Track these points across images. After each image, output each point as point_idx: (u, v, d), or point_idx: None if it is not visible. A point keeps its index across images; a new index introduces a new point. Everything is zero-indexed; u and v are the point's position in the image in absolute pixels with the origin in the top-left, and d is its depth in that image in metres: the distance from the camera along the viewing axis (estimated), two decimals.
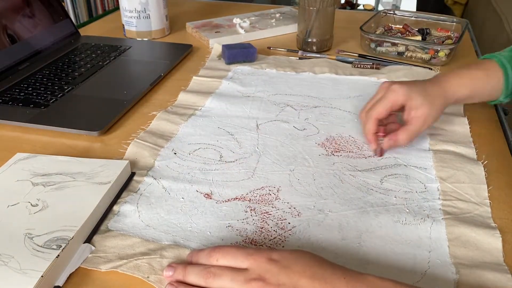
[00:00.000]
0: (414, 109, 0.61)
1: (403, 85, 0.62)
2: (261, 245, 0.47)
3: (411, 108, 0.61)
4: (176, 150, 0.63)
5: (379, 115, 0.62)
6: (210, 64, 0.91)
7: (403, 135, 0.61)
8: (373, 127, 0.63)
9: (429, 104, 0.61)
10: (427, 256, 0.45)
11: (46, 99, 0.74)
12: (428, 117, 0.61)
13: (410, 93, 0.61)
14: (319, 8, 0.92)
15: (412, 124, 0.61)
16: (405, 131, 0.61)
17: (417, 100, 0.61)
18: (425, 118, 0.61)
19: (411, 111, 0.61)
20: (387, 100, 0.62)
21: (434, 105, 0.62)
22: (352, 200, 0.53)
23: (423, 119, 0.61)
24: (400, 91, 0.61)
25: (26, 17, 0.90)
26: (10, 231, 0.45)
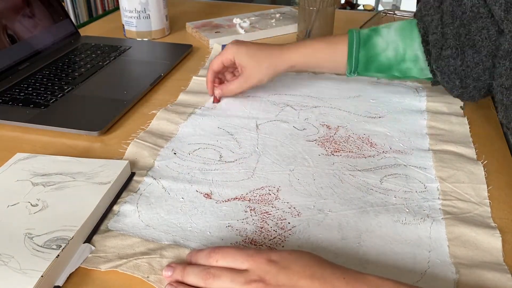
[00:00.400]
0: (241, 66, 0.72)
1: (236, 43, 0.72)
2: (261, 245, 0.47)
3: (239, 65, 0.72)
4: (176, 150, 0.63)
5: (212, 68, 0.74)
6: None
7: (227, 86, 0.74)
8: (210, 77, 0.75)
9: (253, 65, 0.70)
10: (427, 256, 0.45)
11: (46, 99, 0.74)
12: (251, 76, 0.71)
13: (239, 51, 0.71)
14: (319, 8, 0.93)
15: (238, 79, 0.73)
16: (230, 83, 0.73)
17: (243, 59, 0.71)
18: (248, 76, 0.71)
19: (240, 68, 0.72)
20: (220, 55, 0.73)
21: (259, 66, 0.70)
22: (352, 200, 0.53)
23: (245, 77, 0.72)
24: (230, 50, 0.71)
25: (26, 17, 0.90)
26: (10, 231, 0.45)
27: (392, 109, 0.74)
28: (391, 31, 0.67)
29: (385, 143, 0.65)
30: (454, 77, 0.62)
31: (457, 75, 0.61)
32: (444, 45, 0.61)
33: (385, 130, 0.68)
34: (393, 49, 0.67)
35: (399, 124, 0.70)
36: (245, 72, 0.71)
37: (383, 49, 0.67)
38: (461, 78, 0.62)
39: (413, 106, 0.75)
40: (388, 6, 3.72)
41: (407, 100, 0.77)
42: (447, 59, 0.61)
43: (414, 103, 0.76)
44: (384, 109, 0.74)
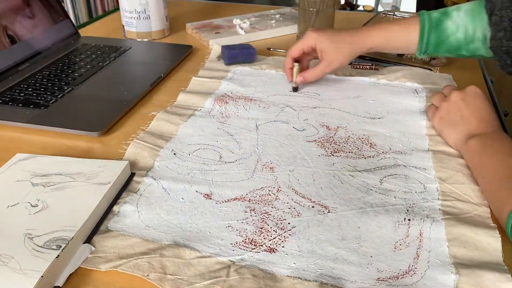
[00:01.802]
0: (322, 51, 0.75)
1: (316, 31, 0.75)
2: (261, 245, 0.47)
3: (319, 51, 0.75)
4: (176, 151, 0.63)
5: (292, 54, 0.78)
6: (210, 64, 0.92)
7: (310, 73, 0.77)
8: (288, 63, 0.79)
9: (335, 49, 0.74)
10: (427, 256, 0.45)
11: (46, 100, 0.74)
12: (333, 60, 0.75)
13: (319, 37, 0.74)
14: (319, 9, 0.93)
15: (320, 64, 0.76)
16: (313, 69, 0.77)
17: (324, 44, 0.74)
18: (330, 61, 0.75)
19: (321, 54, 0.75)
20: (300, 42, 0.76)
21: (340, 50, 0.74)
22: (352, 200, 0.53)
23: (328, 61, 0.75)
24: (311, 36, 0.75)
25: (26, 18, 0.91)
26: (10, 232, 0.45)
27: (391, 110, 0.74)
28: (461, 13, 0.69)
29: (385, 143, 0.65)
30: (505, 57, 0.65)
31: (508, 56, 0.64)
32: (499, 27, 0.64)
33: (385, 131, 0.68)
34: (463, 31, 0.69)
35: (399, 124, 0.70)
36: (326, 57, 0.75)
37: (453, 31, 0.70)
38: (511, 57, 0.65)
39: (413, 106, 0.75)
40: (388, 7, 3.73)
41: (407, 100, 0.77)
42: (500, 40, 0.64)
43: (413, 103, 0.76)
44: (384, 110, 0.74)
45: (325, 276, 0.43)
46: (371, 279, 0.43)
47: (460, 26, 0.69)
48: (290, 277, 0.43)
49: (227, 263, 0.45)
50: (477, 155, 0.57)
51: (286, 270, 0.44)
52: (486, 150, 0.56)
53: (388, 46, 0.75)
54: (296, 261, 0.45)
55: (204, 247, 0.46)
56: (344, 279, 0.43)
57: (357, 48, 0.75)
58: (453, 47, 0.71)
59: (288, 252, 0.46)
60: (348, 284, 0.42)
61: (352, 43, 0.74)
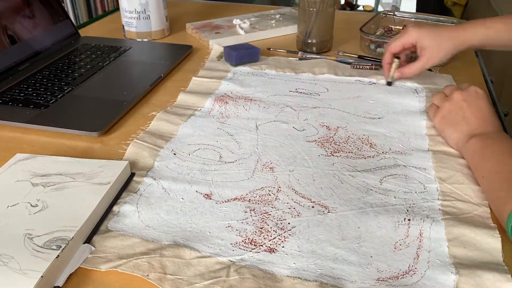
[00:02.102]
0: (422, 48, 0.73)
1: (416, 27, 0.74)
2: (261, 245, 0.47)
3: (420, 47, 0.74)
4: (176, 151, 0.63)
5: (392, 50, 0.77)
6: (210, 64, 0.92)
7: (408, 69, 0.76)
8: (387, 59, 0.78)
9: (436, 46, 0.72)
10: (427, 256, 0.45)
11: (46, 100, 0.74)
12: (433, 56, 0.73)
13: (420, 34, 0.73)
14: (319, 9, 0.93)
15: (419, 61, 0.74)
16: (411, 65, 0.76)
17: (425, 40, 0.73)
18: (429, 57, 0.73)
19: (420, 50, 0.74)
20: (401, 38, 0.75)
21: (441, 47, 0.72)
22: (352, 200, 0.53)
23: (427, 57, 0.73)
24: (412, 32, 0.74)
25: (26, 18, 0.91)
26: (10, 232, 0.45)
27: (391, 110, 0.74)
28: None
29: (385, 143, 0.65)
30: None
31: None
32: None
33: (385, 131, 0.68)
34: None
35: (399, 124, 0.70)
36: (426, 54, 0.73)
37: None
38: None
39: (413, 106, 0.75)
40: (388, 7, 3.73)
41: (407, 100, 0.77)
42: None
43: (413, 103, 0.76)
44: (384, 110, 0.74)
45: (325, 276, 0.43)
46: (371, 279, 0.43)
47: None
48: (290, 277, 0.43)
49: (227, 263, 0.45)
50: (477, 155, 0.57)
51: (286, 270, 0.44)
52: (486, 150, 0.56)
53: (491, 44, 0.73)
54: (296, 261, 0.45)
55: (204, 247, 0.46)
56: (344, 279, 0.43)
57: (458, 45, 0.73)
58: None
59: (288, 252, 0.46)
60: (348, 284, 0.42)
61: (453, 40, 0.72)
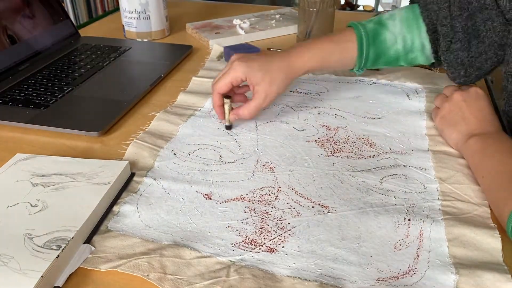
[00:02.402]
0: (255, 85, 0.65)
1: (243, 62, 0.65)
2: (261, 245, 0.47)
3: (252, 84, 0.65)
4: (176, 151, 0.63)
5: (219, 91, 0.66)
6: (210, 64, 0.92)
7: (244, 110, 0.66)
8: (217, 101, 0.67)
9: (269, 80, 0.65)
10: (427, 256, 0.45)
11: (46, 100, 0.74)
12: (269, 92, 0.65)
13: (249, 70, 0.64)
14: (319, 9, 0.93)
15: (254, 99, 0.66)
16: (247, 106, 0.66)
17: (256, 77, 0.64)
18: (266, 94, 0.65)
19: (253, 87, 0.66)
20: (228, 76, 0.65)
21: (274, 80, 0.65)
22: (352, 200, 0.53)
23: (264, 94, 0.65)
24: (239, 69, 0.65)
25: (26, 18, 0.91)
26: (10, 232, 0.45)
27: (391, 110, 0.74)
28: (396, 23, 0.67)
29: (385, 143, 0.65)
30: (460, 68, 0.64)
31: (463, 66, 0.63)
32: (453, 38, 0.62)
33: (385, 131, 0.68)
34: (401, 41, 0.67)
35: (399, 125, 0.70)
36: (260, 90, 0.65)
37: (392, 43, 0.67)
38: (465, 68, 0.64)
39: (413, 106, 0.75)
40: (388, 7, 3.73)
41: (407, 100, 0.77)
42: (456, 52, 0.62)
43: (413, 103, 0.76)
44: (384, 110, 0.74)
45: (325, 276, 0.43)
46: (371, 279, 0.43)
47: (398, 36, 0.67)
48: (290, 277, 0.43)
49: (227, 263, 0.45)
50: (477, 155, 0.57)
51: (286, 270, 0.44)
52: (486, 150, 0.56)
53: (324, 67, 0.70)
54: (296, 261, 0.45)
55: (204, 247, 0.46)
56: (344, 279, 0.43)
57: (292, 75, 0.67)
58: (392, 58, 0.69)
59: (288, 252, 0.46)
60: (348, 284, 0.42)
61: (286, 72, 0.66)
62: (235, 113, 0.67)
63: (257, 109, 0.66)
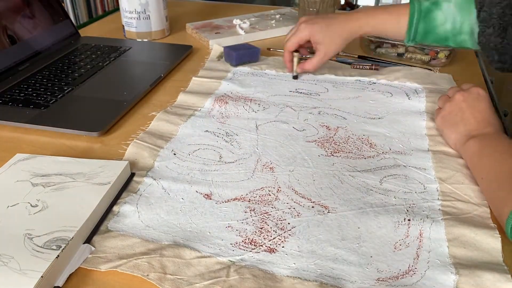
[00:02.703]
0: (316, 44, 0.79)
1: (308, 24, 0.79)
2: (261, 245, 0.47)
3: (314, 43, 0.79)
4: (176, 151, 0.63)
5: (289, 48, 0.82)
6: (210, 65, 0.92)
7: (308, 64, 0.81)
8: (287, 56, 0.83)
9: (328, 40, 0.78)
10: (427, 256, 0.45)
11: (46, 100, 0.74)
12: (328, 51, 0.79)
13: (312, 30, 0.78)
14: (319, 10, 0.93)
15: (316, 55, 0.80)
16: (310, 61, 0.81)
17: (318, 37, 0.78)
18: (326, 52, 0.79)
19: (315, 45, 0.79)
20: (296, 36, 0.80)
21: (333, 41, 0.78)
22: (352, 200, 0.53)
23: (324, 52, 0.79)
24: (305, 30, 0.78)
25: (26, 18, 0.91)
26: (10, 232, 0.45)
27: (391, 110, 0.74)
28: (451, 5, 0.70)
29: (385, 143, 0.65)
30: (494, 53, 0.66)
31: (497, 51, 0.65)
32: (488, 24, 0.64)
33: (385, 131, 0.68)
34: (451, 22, 0.70)
35: (399, 125, 0.70)
36: (322, 47, 0.78)
37: (441, 22, 0.71)
38: (499, 53, 0.65)
39: (413, 106, 0.75)
40: None
41: (407, 101, 0.77)
42: (489, 36, 0.65)
43: (413, 103, 0.76)
44: (384, 110, 0.74)
45: (325, 276, 0.43)
46: (371, 279, 0.43)
47: (449, 17, 0.70)
48: (290, 277, 0.43)
49: (227, 263, 0.45)
50: (476, 155, 0.57)
51: (286, 270, 0.44)
52: (485, 151, 0.56)
53: (379, 32, 0.78)
54: (296, 261, 0.45)
55: (204, 247, 0.46)
56: (344, 279, 0.43)
57: (350, 36, 0.78)
58: (440, 37, 0.72)
59: (288, 252, 0.46)
60: (348, 284, 0.42)
61: (344, 31, 0.77)
62: (301, 66, 0.83)
63: (318, 63, 0.80)
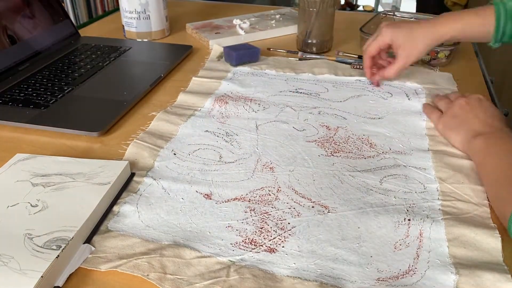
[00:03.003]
0: (398, 47, 0.75)
1: (390, 26, 0.75)
2: (261, 245, 0.47)
3: (396, 48, 0.75)
4: (176, 151, 0.63)
5: (370, 53, 0.78)
6: (210, 65, 0.92)
7: (389, 70, 0.77)
8: (368, 63, 0.80)
9: (410, 45, 0.74)
10: (427, 256, 0.45)
11: (46, 100, 0.74)
12: (410, 55, 0.75)
13: (394, 33, 0.75)
14: (319, 9, 0.93)
15: (397, 61, 0.76)
16: (390, 68, 0.77)
17: (400, 40, 0.74)
18: (407, 56, 0.75)
19: (396, 50, 0.75)
20: (377, 41, 0.77)
21: (416, 45, 0.74)
22: (352, 200, 0.53)
23: (405, 57, 0.75)
24: (386, 33, 0.75)
25: (26, 18, 0.91)
26: (10, 232, 0.45)
27: (391, 110, 0.74)
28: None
29: (385, 143, 0.65)
30: None
31: None
32: None
33: (385, 131, 0.68)
34: None
35: (399, 124, 0.70)
36: (403, 52, 0.75)
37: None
38: None
39: (413, 106, 0.75)
40: (388, 7, 3.73)
41: (406, 101, 0.77)
42: None
43: (413, 103, 0.76)
44: (384, 110, 0.74)
45: (325, 276, 0.43)
46: (371, 279, 0.43)
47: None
48: (290, 277, 0.43)
49: (227, 263, 0.45)
50: (482, 153, 0.57)
51: (286, 270, 0.44)
52: (491, 149, 0.56)
53: (464, 36, 0.74)
54: (296, 261, 0.45)
55: (204, 247, 0.46)
56: (344, 279, 0.43)
57: (434, 41, 0.74)
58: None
59: (288, 252, 0.46)
60: (348, 284, 0.42)
61: (428, 37, 0.73)
62: (381, 74, 0.79)
63: (399, 69, 0.76)
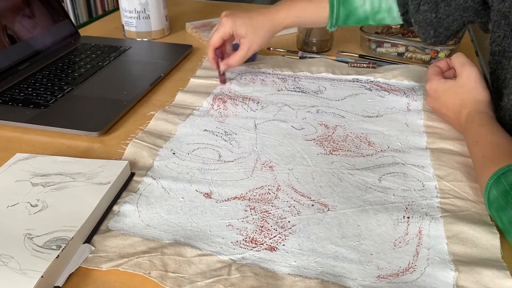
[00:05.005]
0: (240, 37, 0.77)
1: (230, 17, 0.76)
2: (262, 244, 0.47)
3: (238, 37, 0.77)
4: (175, 150, 0.63)
5: (214, 45, 0.78)
6: (208, 64, 0.91)
7: (233, 59, 0.78)
8: (211, 54, 0.79)
9: (252, 34, 0.76)
10: (426, 254, 0.46)
11: (46, 100, 0.74)
12: (252, 44, 0.77)
13: (235, 25, 0.75)
14: None
15: (240, 50, 0.77)
16: (234, 56, 0.78)
17: (241, 31, 0.76)
18: (249, 45, 0.77)
19: (239, 39, 0.77)
20: (219, 32, 0.77)
21: (257, 34, 0.76)
22: (351, 198, 0.53)
23: (248, 46, 0.77)
24: (227, 24, 0.76)
25: (26, 18, 0.91)
26: (10, 232, 0.45)
27: (389, 109, 0.74)
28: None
29: (383, 142, 0.65)
30: (429, 28, 0.70)
31: (432, 26, 0.70)
32: (422, 1, 0.70)
33: (383, 129, 0.68)
34: (369, 3, 0.75)
35: (397, 123, 0.70)
36: (245, 41, 0.76)
37: (360, 4, 0.75)
38: (435, 28, 0.70)
39: (410, 105, 0.75)
40: None
41: (404, 99, 0.77)
42: (425, 13, 0.69)
43: (411, 101, 0.76)
44: (382, 108, 0.74)
45: (325, 274, 0.43)
46: (371, 277, 0.43)
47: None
48: (291, 275, 0.43)
49: (228, 261, 0.45)
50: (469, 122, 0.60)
51: (287, 268, 0.44)
52: (476, 120, 0.60)
53: (301, 22, 0.79)
54: (296, 259, 0.45)
55: (205, 246, 0.47)
56: (345, 276, 0.43)
57: (273, 29, 0.78)
58: (361, 18, 0.77)
59: (289, 250, 0.46)
60: (349, 282, 0.43)
61: (267, 24, 0.77)
62: (225, 63, 0.79)
63: (242, 58, 0.78)
